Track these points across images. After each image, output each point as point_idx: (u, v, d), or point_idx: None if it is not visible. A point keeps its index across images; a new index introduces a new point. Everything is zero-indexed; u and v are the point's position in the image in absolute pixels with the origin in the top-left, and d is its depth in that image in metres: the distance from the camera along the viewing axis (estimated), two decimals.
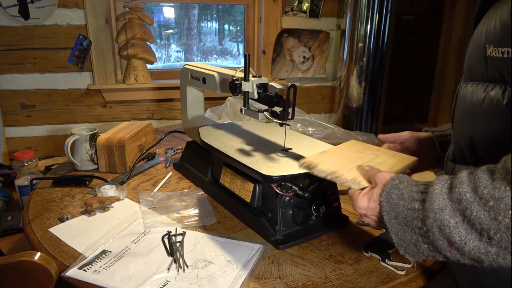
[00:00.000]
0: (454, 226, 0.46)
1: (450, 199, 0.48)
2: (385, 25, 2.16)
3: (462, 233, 0.46)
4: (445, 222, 0.47)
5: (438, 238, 0.48)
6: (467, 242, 0.45)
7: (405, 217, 0.53)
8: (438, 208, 0.48)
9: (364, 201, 0.62)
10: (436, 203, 0.48)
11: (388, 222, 0.55)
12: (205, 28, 3.00)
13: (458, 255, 0.48)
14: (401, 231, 0.54)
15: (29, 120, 2.19)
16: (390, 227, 0.56)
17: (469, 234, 0.45)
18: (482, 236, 0.44)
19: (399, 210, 0.54)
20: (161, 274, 0.73)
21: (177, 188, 1.11)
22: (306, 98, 2.62)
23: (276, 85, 0.85)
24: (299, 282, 0.72)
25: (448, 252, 0.48)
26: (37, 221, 0.93)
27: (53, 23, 2.08)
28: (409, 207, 0.53)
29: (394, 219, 0.55)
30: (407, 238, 0.54)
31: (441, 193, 0.49)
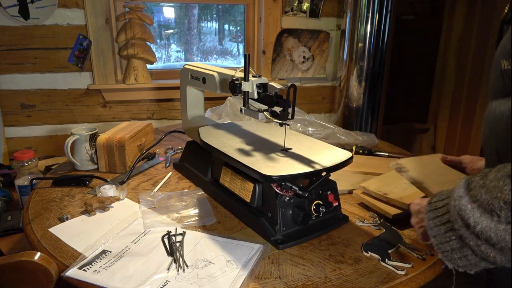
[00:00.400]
0: (470, 210, 0.52)
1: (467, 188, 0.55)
2: (385, 25, 2.15)
3: (477, 215, 0.51)
4: (463, 207, 0.53)
5: (460, 226, 0.54)
6: (479, 222, 0.51)
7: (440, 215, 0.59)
8: (457, 195, 0.55)
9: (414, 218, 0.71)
10: (456, 193, 0.56)
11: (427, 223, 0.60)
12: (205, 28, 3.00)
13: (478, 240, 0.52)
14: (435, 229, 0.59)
15: (29, 120, 2.19)
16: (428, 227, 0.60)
17: (482, 215, 0.51)
18: (492, 216, 0.50)
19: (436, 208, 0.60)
20: (161, 274, 0.73)
21: (177, 188, 1.11)
22: (306, 98, 2.62)
23: (276, 85, 0.85)
24: (299, 282, 0.72)
25: (472, 240, 0.53)
26: (37, 221, 0.93)
27: (53, 23, 2.07)
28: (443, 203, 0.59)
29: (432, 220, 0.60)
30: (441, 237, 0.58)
31: (460, 186, 0.56)
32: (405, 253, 0.81)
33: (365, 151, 1.35)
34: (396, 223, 0.90)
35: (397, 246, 0.83)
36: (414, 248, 0.82)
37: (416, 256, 0.80)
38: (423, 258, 0.79)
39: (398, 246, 0.83)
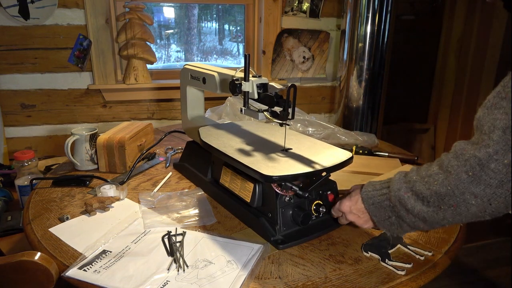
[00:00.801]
0: (407, 198, 0.67)
1: (404, 181, 0.69)
2: (385, 25, 2.16)
3: (412, 202, 0.67)
4: (401, 196, 0.68)
5: (400, 209, 0.69)
6: (415, 207, 0.66)
7: (379, 201, 0.74)
8: (397, 188, 0.69)
9: (346, 201, 0.81)
10: (395, 185, 0.70)
11: (367, 208, 0.76)
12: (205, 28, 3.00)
13: (412, 218, 0.68)
14: (378, 212, 0.74)
15: (29, 120, 2.19)
16: (370, 211, 0.76)
17: (416, 202, 0.66)
18: (423, 201, 0.65)
19: (374, 198, 0.75)
20: (161, 274, 0.73)
21: (177, 188, 1.11)
22: (306, 98, 2.62)
23: (276, 85, 0.85)
24: (299, 282, 0.72)
25: (407, 218, 0.69)
26: (37, 221, 0.93)
27: (53, 23, 2.08)
28: (381, 193, 0.74)
29: (372, 205, 0.75)
30: (382, 216, 0.74)
31: (399, 180, 0.71)
32: (405, 253, 0.81)
33: (365, 151, 1.35)
34: None
35: (397, 246, 0.83)
36: (414, 248, 0.82)
37: (416, 256, 0.80)
38: (423, 258, 0.79)
39: (398, 246, 0.83)
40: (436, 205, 0.64)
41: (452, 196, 0.61)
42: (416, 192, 0.66)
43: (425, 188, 0.65)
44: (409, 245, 0.83)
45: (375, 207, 0.74)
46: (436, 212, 0.64)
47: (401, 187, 0.69)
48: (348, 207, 0.80)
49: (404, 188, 0.68)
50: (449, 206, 0.62)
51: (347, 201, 0.80)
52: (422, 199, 0.65)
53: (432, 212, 0.65)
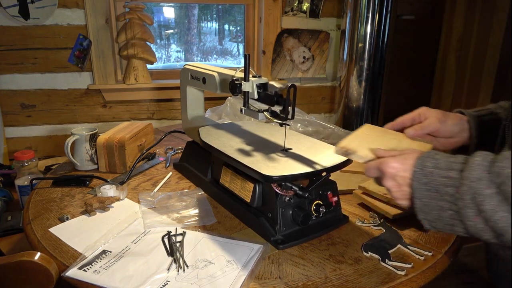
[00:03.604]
0: (488, 196, 0.49)
1: (489, 172, 0.50)
2: (385, 25, 2.16)
3: (494, 203, 0.48)
4: (479, 191, 0.49)
5: (467, 206, 0.51)
6: (497, 211, 0.48)
7: (437, 184, 0.55)
8: (476, 177, 0.50)
9: (396, 160, 0.61)
10: (475, 172, 0.51)
11: (415, 187, 0.57)
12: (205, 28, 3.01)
13: (482, 224, 0.50)
14: (427, 197, 0.56)
15: (29, 120, 2.19)
16: (417, 193, 0.57)
17: (501, 205, 0.48)
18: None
19: (433, 177, 0.55)
20: (161, 274, 0.73)
21: (177, 188, 1.11)
22: (306, 98, 2.62)
23: (276, 84, 0.85)
24: (299, 282, 0.72)
25: (472, 221, 0.51)
26: (37, 221, 0.93)
27: (53, 23, 2.08)
28: (445, 175, 0.54)
29: (423, 185, 0.56)
30: (431, 204, 0.55)
31: (481, 164, 0.51)
32: (405, 253, 0.81)
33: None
34: (396, 223, 0.90)
35: (397, 246, 0.83)
36: (414, 248, 0.82)
37: (416, 256, 0.80)
38: (423, 258, 0.79)
39: (398, 246, 0.83)
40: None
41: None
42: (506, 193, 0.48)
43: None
44: (409, 245, 0.83)
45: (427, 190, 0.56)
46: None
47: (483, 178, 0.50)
48: (395, 169, 0.61)
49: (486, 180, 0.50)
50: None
51: (396, 162, 0.61)
52: None
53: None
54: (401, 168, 0.60)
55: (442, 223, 0.56)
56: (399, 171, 0.60)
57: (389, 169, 0.61)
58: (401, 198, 0.62)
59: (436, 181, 0.55)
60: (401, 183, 0.60)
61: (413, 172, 0.58)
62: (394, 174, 0.61)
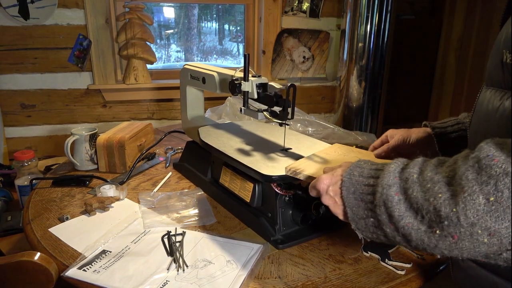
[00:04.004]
0: (397, 202, 0.49)
1: (400, 178, 0.51)
2: (385, 25, 2.16)
3: (402, 209, 0.49)
4: (390, 197, 0.50)
5: (382, 213, 0.51)
6: (403, 217, 0.49)
7: (361, 192, 0.55)
8: (387, 184, 0.51)
9: (327, 176, 0.61)
10: (386, 179, 0.51)
11: (346, 197, 0.56)
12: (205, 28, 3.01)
13: (395, 231, 0.51)
14: (355, 206, 0.55)
15: (29, 120, 2.19)
16: (347, 202, 0.56)
17: (407, 211, 0.48)
18: (417, 214, 0.48)
19: (358, 185, 0.55)
20: (161, 274, 0.73)
21: (177, 188, 1.11)
22: (306, 98, 2.62)
23: (275, 85, 0.85)
24: (299, 282, 0.72)
25: (388, 227, 0.51)
26: (37, 221, 0.93)
27: (53, 23, 2.08)
28: (366, 183, 0.55)
29: (352, 194, 0.56)
30: (359, 213, 0.55)
31: (394, 171, 0.52)
32: (405, 253, 0.81)
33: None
34: None
35: (397, 246, 0.83)
36: None
37: (416, 256, 0.80)
38: (423, 258, 0.79)
39: (398, 246, 0.83)
40: (429, 225, 0.47)
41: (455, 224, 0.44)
42: (411, 198, 0.48)
43: (423, 197, 0.47)
44: None
45: (355, 198, 0.55)
46: (427, 234, 0.47)
47: (394, 184, 0.50)
48: (326, 185, 0.60)
49: (397, 186, 0.50)
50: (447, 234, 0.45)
51: (327, 177, 0.61)
52: (416, 210, 0.48)
53: (423, 232, 0.48)
54: (332, 181, 0.60)
55: (368, 231, 0.55)
56: (330, 185, 0.60)
57: (322, 185, 0.61)
58: (341, 212, 0.59)
59: (361, 189, 0.55)
60: (336, 198, 0.59)
61: (342, 182, 0.57)
62: (326, 189, 0.60)
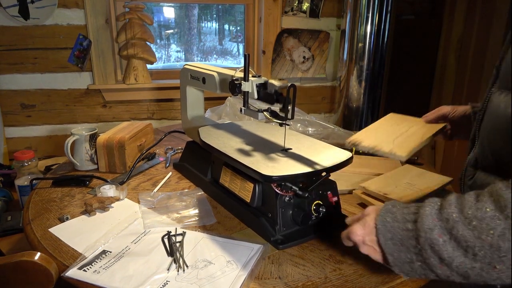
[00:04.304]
0: (443, 244, 0.50)
1: (440, 219, 0.52)
2: (385, 25, 2.15)
3: (450, 250, 0.50)
4: (434, 240, 0.51)
5: (430, 256, 0.52)
6: (454, 258, 0.49)
7: (400, 237, 0.56)
8: (428, 227, 0.52)
9: (359, 227, 0.63)
10: (426, 223, 0.52)
11: (384, 243, 0.58)
12: (205, 28, 3.00)
13: (448, 271, 0.51)
14: (396, 251, 0.57)
15: (29, 120, 2.19)
16: (386, 248, 0.58)
17: (455, 251, 0.49)
18: (467, 252, 0.48)
19: (395, 231, 0.57)
20: (161, 274, 0.73)
21: (177, 188, 1.11)
22: (306, 98, 2.62)
23: (275, 83, 0.85)
24: (299, 282, 0.72)
25: (439, 269, 0.52)
26: (37, 221, 0.93)
27: (53, 23, 2.07)
28: (404, 227, 0.55)
29: (389, 240, 0.57)
30: (402, 258, 0.56)
31: (430, 214, 0.53)
32: None
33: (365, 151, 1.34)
34: None
35: None
36: None
37: None
38: None
39: None
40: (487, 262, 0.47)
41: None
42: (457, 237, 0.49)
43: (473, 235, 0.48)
44: None
45: (394, 244, 0.56)
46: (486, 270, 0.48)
47: (435, 227, 0.51)
48: (361, 236, 0.62)
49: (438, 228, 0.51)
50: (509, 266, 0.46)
51: (359, 229, 0.63)
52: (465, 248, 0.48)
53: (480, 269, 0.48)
54: (366, 232, 0.61)
55: (416, 273, 0.56)
56: (365, 236, 0.62)
57: (357, 238, 0.63)
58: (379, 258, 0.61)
59: (399, 234, 0.56)
60: (374, 246, 0.61)
61: (377, 230, 0.59)
62: (363, 240, 0.62)
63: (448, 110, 0.93)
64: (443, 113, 0.94)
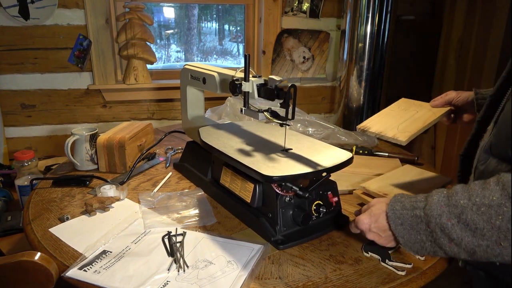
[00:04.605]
0: (451, 227, 0.58)
1: (447, 205, 0.59)
2: (385, 25, 2.15)
3: (458, 231, 0.58)
4: (444, 224, 0.59)
5: (440, 236, 0.60)
6: (463, 238, 0.57)
7: (410, 222, 0.64)
8: (437, 214, 0.60)
9: (366, 217, 0.72)
10: (435, 210, 0.60)
11: (394, 228, 0.66)
12: (205, 28, 3.00)
13: (456, 248, 0.59)
14: (407, 234, 0.65)
15: (29, 120, 2.19)
16: (397, 232, 0.66)
17: (463, 231, 0.57)
18: (475, 233, 0.56)
19: (404, 218, 0.65)
20: (162, 274, 0.73)
21: (177, 188, 1.11)
22: (306, 98, 2.62)
23: (275, 78, 0.85)
24: (300, 282, 0.72)
25: (448, 247, 0.60)
26: (37, 221, 0.93)
27: (53, 23, 2.07)
28: (412, 214, 0.64)
29: (400, 226, 0.66)
30: (412, 239, 0.65)
31: (438, 201, 0.61)
32: (405, 253, 0.81)
33: (365, 151, 1.35)
34: None
35: (397, 246, 0.83)
36: None
37: (416, 256, 0.80)
38: (423, 259, 0.79)
39: (398, 246, 0.83)
40: (493, 240, 0.55)
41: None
42: (466, 221, 0.56)
43: (482, 219, 0.55)
44: None
45: (404, 228, 0.65)
46: (492, 247, 0.55)
47: (443, 213, 0.59)
48: (368, 224, 0.72)
49: (446, 213, 0.59)
50: None
51: (366, 217, 0.72)
52: (474, 230, 0.56)
53: (486, 247, 0.56)
54: (372, 220, 0.71)
55: (425, 251, 0.64)
56: (371, 224, 0.71)
57: (364, 226, 0.72)
58: (386, 242, 0.71)
59: (408, 220, 0.64)
60: (379, 232, 0.70)
61: (388, 217, 0.67)
62: (369, 228, 0.72)
63: (453, 95, 0.99)
64: (450, 98, 1.00)
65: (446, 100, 1.00)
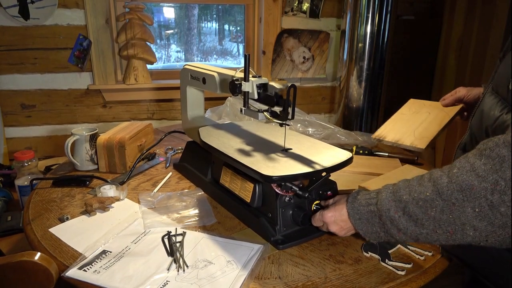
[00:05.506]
0: (398, 219, 0.66)
1: (394, 200, 0.67)
2: (385, 25, 2.16)
3: (404, 222, 0.66)
4: (392, 217, 0.67)
5: (390, 228, 0.68)
6: (408, 227, 0.65)
7: (366, 217, 0.72)
8: (387, 208, 0.68)
9: (330, 211, 0.79)
10: (385, 206, 0.68)
11: (354, 222, 0.74)
12: (205, 28, 3.00)
13: (404, 236, 0.67)
14: (365, 227, 0.72)
15: (29, 120, 2.19)
16: (356, 225, 0.74)
17: (408, 222, 0.65)
18: (416, 223, 0.64)
19: (361, 213, 0.73)
20: (161, 274, 0.73)
21: (177, 188, 1.11)
22: (306, 98, 2.62)
23: (276, 85, 0.85)
24: (299, 282, 0.72)
25: (397, 236, 0.68)
26: (37, 221, 0.93)
27: (53, 23, 2.08)
28: (367, 210, 0.72)
29: (358, 220, 0.73)
30: (369, 230, 0.72)
31: (386, 198, 0.69)
32: (405, 253, 0.81)
33: (365, 151, 1.35)
34: None
35: (397, 246, 0.83)
36: (414, 248, 0.82)
37: (416, 256, 0.80)
38: (423, 258, 0.79)
39: (398, 246, 0.83)
40: (431, 228, 0.63)
41: (451, 224, 0.61)
42: (410, 213, 0.65)
43: (421, 211, 0.63)
44: (409, 245, 0.83)
45: (362, 222, 0.73)
46: (430, 234, 0.64)
47: (391, 207, 0.67)
48: (332, 217, 0.78)
49: (393, 208, 0.67)
50: (446, 231, 0.62)
51: (330, 211, 0.79)
52: (415, 220, 0.64)
53: (426, 234, 0.64)
54: (337, 214, 0.78)
55: (381, 239, 0.72)
56: (337, 217, 0.78)
57: (328, 219, 0.79)
58: (347, 233, 0.79)
59: (365, 215, 0.72)
60: (342, 225, 0.78)
61: (348, 213, 0.75)
62: (334, 220, 0.78)
63: (464, 93, 1.00)
64: (459, 95, 1.01)
65: (456, 97, 1.00)
